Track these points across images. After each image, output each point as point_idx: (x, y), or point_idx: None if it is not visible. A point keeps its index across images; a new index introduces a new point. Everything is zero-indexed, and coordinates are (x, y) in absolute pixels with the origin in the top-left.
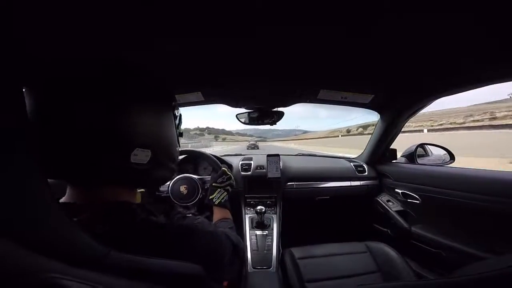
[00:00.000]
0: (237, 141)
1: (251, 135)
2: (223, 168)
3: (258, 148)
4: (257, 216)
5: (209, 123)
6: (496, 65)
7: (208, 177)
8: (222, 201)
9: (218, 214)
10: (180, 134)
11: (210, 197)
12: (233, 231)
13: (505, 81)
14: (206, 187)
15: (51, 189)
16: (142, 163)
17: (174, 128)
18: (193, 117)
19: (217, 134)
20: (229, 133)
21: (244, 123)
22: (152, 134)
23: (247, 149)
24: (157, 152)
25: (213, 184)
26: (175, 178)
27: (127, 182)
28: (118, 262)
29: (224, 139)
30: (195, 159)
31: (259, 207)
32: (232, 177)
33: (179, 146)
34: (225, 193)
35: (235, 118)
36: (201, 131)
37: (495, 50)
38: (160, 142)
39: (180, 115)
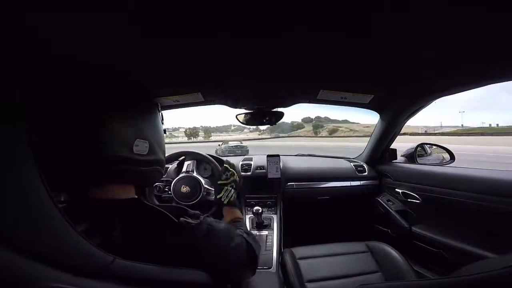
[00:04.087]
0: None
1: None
2: (224, 165)
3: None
4: (255, 217)
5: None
6: (495, 64)
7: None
8: (232, 199)
9: (228, 215)
10: (164, 131)
11: (218, 196)
12: (245, 232)
13: (504, 80)
14: (207, 186)
15: (53, 197)
16: (143, 153)
17: (161, 123)
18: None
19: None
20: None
21: (243, 123)
22: (147, 126)
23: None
24: (153, 143)
25: (219, 182)
26: (176, 178)
27: (131, 176)
28: (123, 270)
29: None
30: (194, 159)
31: (255, 208)
32: (235, 173)
33: None
34: (232, 190)
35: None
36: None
37: (494, 50)
38: (155, 134)
39: (162, 113)
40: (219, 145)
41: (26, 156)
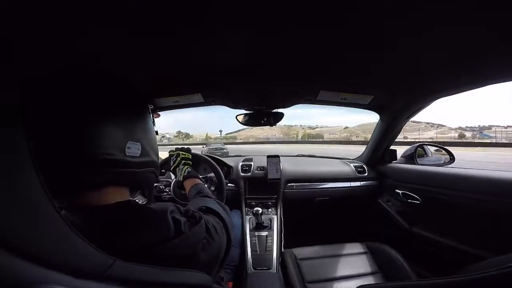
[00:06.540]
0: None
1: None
2: (169, 153)
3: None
4: (255, 217)
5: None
6: (496, 65)
7: (210, 175)
8: (185, 173)
9: (188, 185)
10: (156, 132)
11: (177, 179)
12: (205, 190)
13: (505, 81)
14: (206, 185)
15: (51, 199)
16: (135, 155)
17: (153, 125)
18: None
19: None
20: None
21: (243, 124)
22: (139, 128)
23: None
24: (145, 145)
25: (171, 169)
26: (175, 179)
27: (125, 178)
28: (123, 272)
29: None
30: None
31: (255, 209)
32: (181, 153)
33: None
34: (184, 166)
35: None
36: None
37: (495, 50)
38: (146, 136)
39: (153, 115)
40: (203, 147)
41: (24, 158)
